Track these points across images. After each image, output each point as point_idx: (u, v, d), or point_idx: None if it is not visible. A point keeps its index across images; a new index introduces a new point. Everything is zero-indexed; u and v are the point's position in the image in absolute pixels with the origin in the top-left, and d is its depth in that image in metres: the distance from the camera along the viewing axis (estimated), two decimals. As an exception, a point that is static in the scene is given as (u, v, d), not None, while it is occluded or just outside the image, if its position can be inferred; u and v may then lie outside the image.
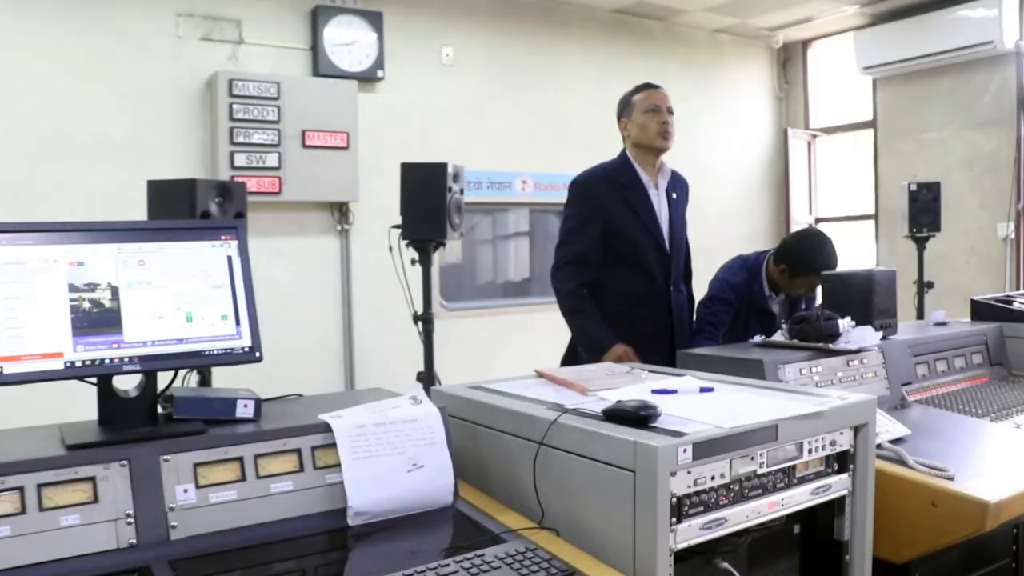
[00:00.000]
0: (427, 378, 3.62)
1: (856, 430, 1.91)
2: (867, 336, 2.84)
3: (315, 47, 5.41)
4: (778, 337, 2.92)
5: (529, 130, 6.41)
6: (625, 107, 3.38)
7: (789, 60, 7.85)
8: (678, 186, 3.46)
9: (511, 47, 6.33)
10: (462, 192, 3.72)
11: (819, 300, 3.54)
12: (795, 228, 7.62)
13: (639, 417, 1.68)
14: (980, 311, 3.66)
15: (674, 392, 1.97)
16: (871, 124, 7.28)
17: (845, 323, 2.84)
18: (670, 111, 3.31)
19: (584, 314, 3.25)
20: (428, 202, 3.59)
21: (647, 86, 3.37)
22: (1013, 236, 6.28)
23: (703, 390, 2.00)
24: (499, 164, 6.25)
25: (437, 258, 5.86)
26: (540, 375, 2.30)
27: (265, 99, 5.08)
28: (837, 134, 7.79)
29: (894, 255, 6.89)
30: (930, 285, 5.15)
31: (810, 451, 1.81)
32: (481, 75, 6.21)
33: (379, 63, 5.58)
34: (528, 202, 6.53)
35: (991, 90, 6.40)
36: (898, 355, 2.94)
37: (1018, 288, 6.31)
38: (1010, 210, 6.26)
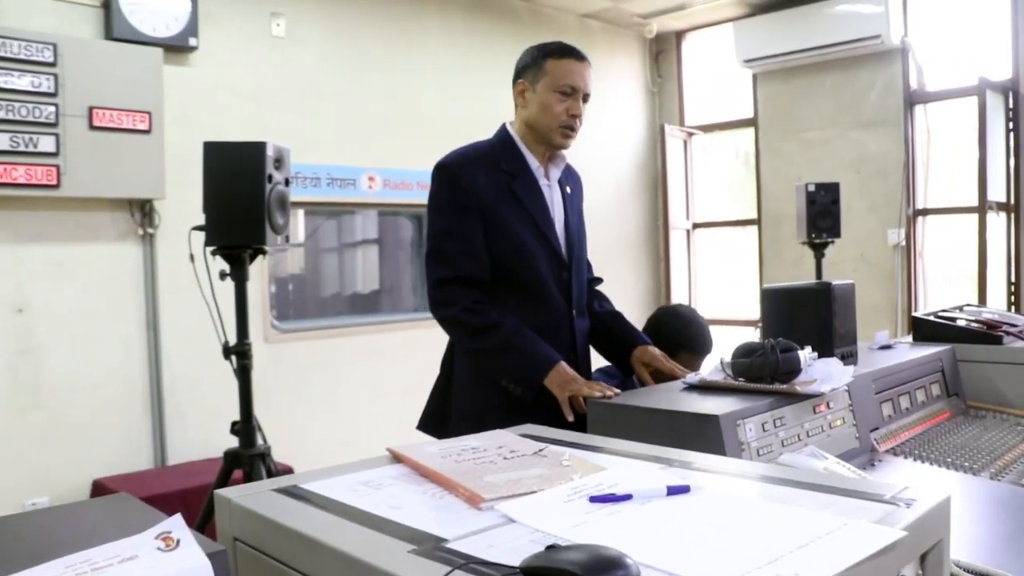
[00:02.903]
0: (243, 432, 2.69)
1: (924, 558, 1.15)
2: (833, 372, 2.14)
3: (107, 4, 4.32)
4: (716, 375, 2.18)
5: (377, 119, 5.51)
6: (529, 68, 2.41)
7: (662, 52, 7.29)
8: (571, 179, 2.63)
9: (356, 22, 5.43)
10: (288, 183, 2.80)
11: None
12: (673, 233, 7.05)
13: (597, 587, 0.85)
14: (923, 330, 3.08)
15: (628, 498, 1.16)
16: (751, 122, 6.81)
17: (806, 355, 2.13)
18: (586, 98, 2.41)
19: (501, 331, 2.26)
20: (241, 195, 2.67)
21: (569, 51, 2.40)
22: (904, 243, 5.88)
23: (673, 491, 1.20)
24: (342, 158, 5.33)
25: (263, 270, 4.92)
26: (397, 459, 1.44)
27: (37, 64, 3.97)
28: (715, 132, 7.28)
29: (780, 263, 6.42)
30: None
31: (871, 606, 1.03)
32: (320, 52, 5.27)
33: (192, 29, 4.55)
34: (377, 203, 5.63)
35: (877, 88, 6.01)
36: (864, 394, 2.29)
37: (909, 297, 5.92)
38: (901, 215, 5.85)
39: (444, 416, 2.41)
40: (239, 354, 2.82)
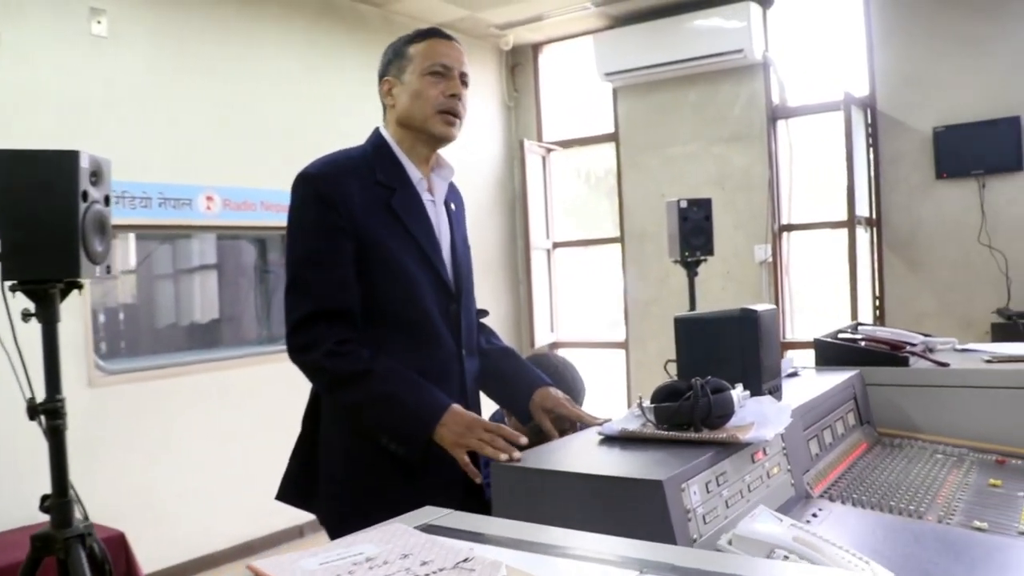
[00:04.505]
0: (56, 508, 2.16)
1: None
2: (767, 412, 1.88)
3: None
4: (634, 422, 1.87)
5: (215, 131, 4.97)
6: (394, 61, 2.07)
7: (518, 65, 7.06)
8: (453, 195, 2.28)
9: (188, 22, 4.87)
10: (108, 202, 2.30)
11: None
12: (534, 253, 6.79)
13: None
14: (825, 353, 2.90)
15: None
16: (612, 137, 6.65)
17: (739, 395, 1.85)
18: (465, 81, 2.09)
19: (373, 378, 1.84)
20: (48, 217, 2.15)
21: (432, 32, 2.09)
22: (771, 260, 5.83)
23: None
24: (176, 175, 4.75)
25: (85, 303, 4.27)
26: (266, 581, 1.03)
27: None
28: (574, 148, 7.08)
29: (645, 282, 6.27)
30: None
31: None
32: (148, 55, 4.69)
33: (-9, 24, 3.93)
34: (216, 225, 5.06)
35: (740, 102, 5.96)
36: (795, 433, 2.06)
37: (777, 316, 5.86)
38: (767, 231, 5.80)
39: (310, 483, 1.98)
40: (49, 413, 2.27)
